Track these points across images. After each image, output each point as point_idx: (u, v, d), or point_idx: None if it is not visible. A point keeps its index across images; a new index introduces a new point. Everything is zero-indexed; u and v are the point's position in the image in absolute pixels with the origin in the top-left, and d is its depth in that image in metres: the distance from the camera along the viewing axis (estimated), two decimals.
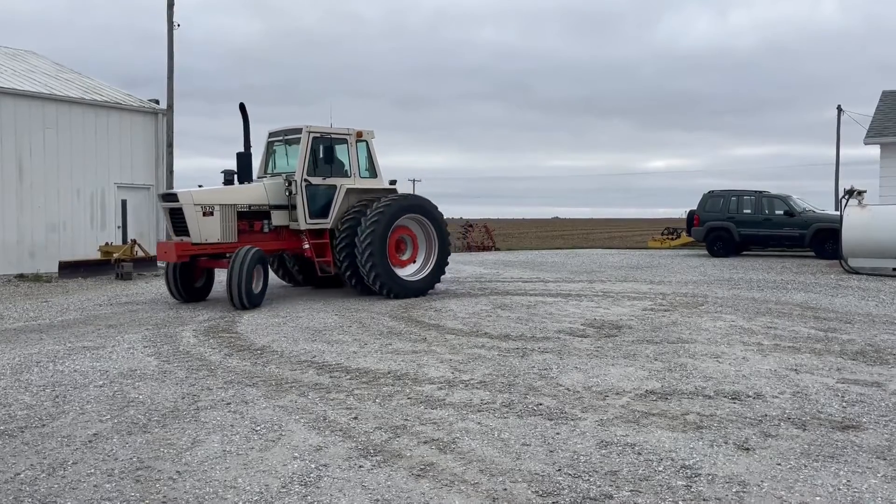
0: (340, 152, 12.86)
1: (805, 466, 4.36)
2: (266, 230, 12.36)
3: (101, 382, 6.51)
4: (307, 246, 12.47)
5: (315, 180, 12.34)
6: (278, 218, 12.41)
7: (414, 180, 72.49)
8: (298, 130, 12.42)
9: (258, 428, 5.12)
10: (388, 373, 6.79)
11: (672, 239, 31.81)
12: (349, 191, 12.70)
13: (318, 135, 12.43)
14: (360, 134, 13.00)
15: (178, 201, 11.38)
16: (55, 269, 16.62)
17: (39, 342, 8.58)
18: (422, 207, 12.87)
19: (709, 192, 23.31)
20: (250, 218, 12.17)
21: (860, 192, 16.67)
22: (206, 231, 11.46)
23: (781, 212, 21.77)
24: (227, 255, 11.78)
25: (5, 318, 10.61)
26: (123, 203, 18.18)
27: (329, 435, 4.96)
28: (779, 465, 4.39)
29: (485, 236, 34.05)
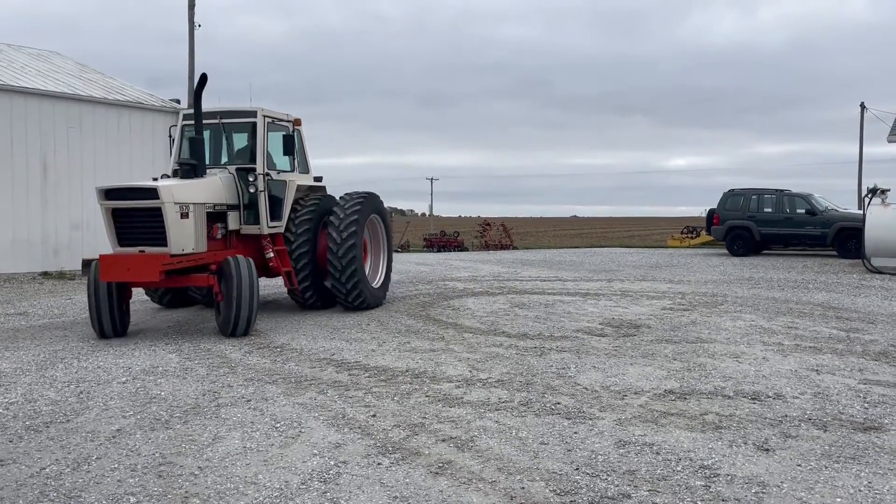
0: (276, 141, 10.73)
1: (826, 468, 4.33)
2: (219, 236, 9.85)
3: (124, 379, 6.60)
4: (271, 255, 10.25)
5: (272, 175, 10.43)
6: (233, 221, 10.06)
7: (432, 179, 72.58)
8: (243, 113, 10.36)
9: (278, 425, 5.17)
10: (407, 371, 6.82)
11: (692, 238, 31.62)
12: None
13: (270, 120, 10.49)
14: (297, 122, 11.06)
15: (156, 198, 8.54)
16: (78, 266, 16.84)
17: (64, 339, 8.72)
18: (381, 209, 11.58)
19: (729, 190, 23.13)
20: (209, 221, 9.57)
21: (884, 191, 16.48)
22: (183, 239, 8.79)
23: (803, 210, 21.56)
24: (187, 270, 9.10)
25: (30, 315, 10.79)
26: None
27: (348, 432, 5.00)
28: (799, 466, 4.36)
29: (502, 235, 34.06)
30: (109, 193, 8.81)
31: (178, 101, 20.84)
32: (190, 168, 9.50)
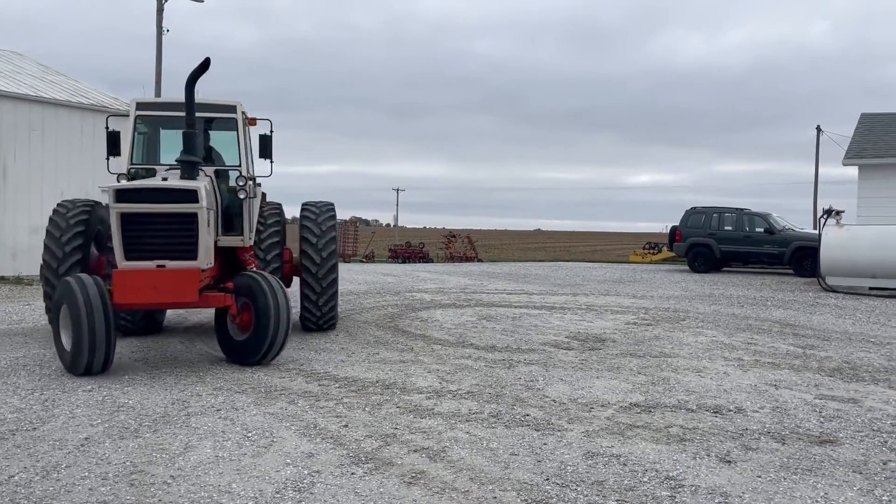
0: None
1: (784, 479, 4.50)
2: None
3: (89, 387, 6.52)
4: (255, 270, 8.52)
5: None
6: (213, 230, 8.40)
7: (398, 189, 72.63)
8: (218, 107, 8.89)
9: (250, 434, 5.17)
10: (377, 382, 6.86)
11: (654, 254, 32.20)
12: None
13: (244, 117, 9.24)
14: (252, 121, 9.56)
15: (194, 202, 7.23)
16: (37, 272, 16.48)
17: (24, 345, 8.55)
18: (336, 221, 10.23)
19: (691, 208, 23.66)
20: None
21: (838, 212, 17.04)
22: (208, 251, 7.54)
23: (762, 229, 22.15)
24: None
25: None
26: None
27: (320, 442, 5.03)
28: (759, 477, 4.52)
29: (467, 247, 34.24)
30: (126, 195, 7.16)
31: None
32: (191, 167, 7.71)
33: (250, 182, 8.80)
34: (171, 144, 8.98)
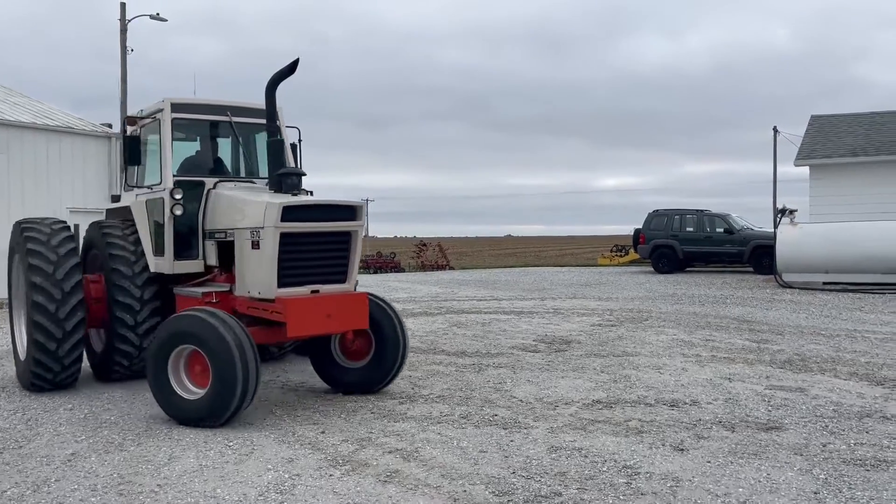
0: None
1: (731, 463, 4.87)
2: None
3: (70, 406, 6.69)
4: None
5: None
6: None
7: (367, 199, 72.63)
8: (261, 112, 7.28)
9: (231, 443, 5.41)
10: None
11: (621, 256, 32.83)
12: None
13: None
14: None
15: (353, 219, 6.76)
16: (6, 295, 16.41)
17: (1, 368, 8.65)
18: None
19: (654, 210, 24.29)
20: None
21: (792, 211, 17.71)
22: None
23: (721, 230, 22.84)
24: None
25: None
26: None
27: (299, 448, 5.29)
28: (709, 462, 4.89)
29: (439, 255, 34.54)
30: (292, 212, 6.37)
31: (109, 126, 20.59)
32: (298, 179, 6.88)
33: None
34: (211, 149, 7.91)
